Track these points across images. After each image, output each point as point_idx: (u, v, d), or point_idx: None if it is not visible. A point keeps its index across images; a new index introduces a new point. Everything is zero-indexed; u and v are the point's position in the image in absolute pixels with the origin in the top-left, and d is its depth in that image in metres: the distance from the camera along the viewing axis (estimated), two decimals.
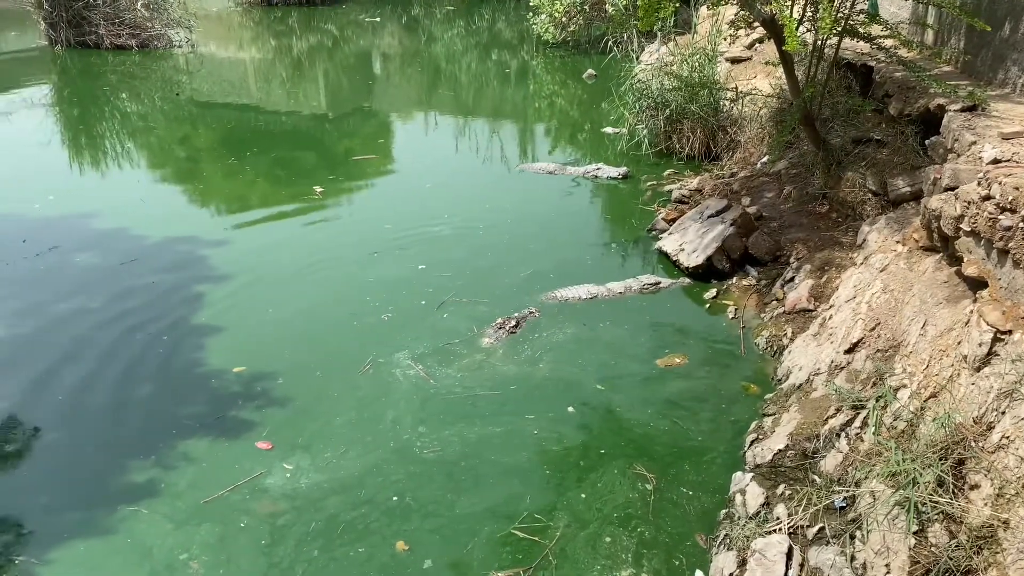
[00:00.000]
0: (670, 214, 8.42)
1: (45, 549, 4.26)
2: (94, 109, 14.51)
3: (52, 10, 17.63)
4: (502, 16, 23.61)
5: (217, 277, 7.45)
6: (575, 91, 15.10)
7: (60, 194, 9.70)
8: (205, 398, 5.59)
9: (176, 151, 12.12)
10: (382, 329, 6.45)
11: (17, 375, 5.90)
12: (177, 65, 17.69)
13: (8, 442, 5.18)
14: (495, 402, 5.50)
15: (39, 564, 4.17)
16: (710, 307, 6.88)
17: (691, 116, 10.12)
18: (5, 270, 7.55)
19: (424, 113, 14.47)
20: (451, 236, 8.31)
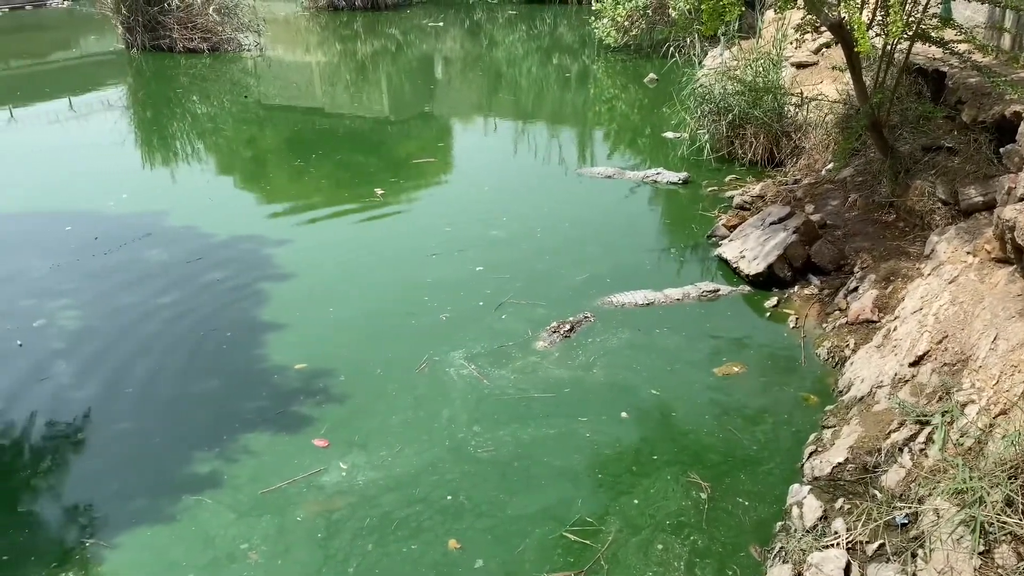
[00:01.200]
0: (731, 220, 8.32)
1: (114, 533, 4.43)
2: (166, 110, 14.99)
3: (129, 15, 18.28)
4: (564, 20, 23.62)
5: (280, 275, 7.63)
6: (636, 95, 15.02)
7: (133, 192, 10.05)
8: (267, 393, 5.73)
9: (243, 152, 12.44)
10: (439, 329, 6.52)
11: (90, 367, 6.13)
12: (246, 68, 18.15)
13: (82, 430, 5.39)
14: (549, 404, 5.51)
15: (108, 547, 4.33)
16: (770, 316, 6.77)
17: (754, 121, 9.97)
18: (79, 265, 7.86)
19: (484, 117, 14.57)
20: (509, 239, 8.35)
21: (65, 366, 6.14)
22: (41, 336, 6.56)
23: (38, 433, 5.40)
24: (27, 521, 4.57)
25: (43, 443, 5.30)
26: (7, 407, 5.65)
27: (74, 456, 5.17)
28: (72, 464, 5.10)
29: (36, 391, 5.82)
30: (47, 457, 5.17)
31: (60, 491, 4.84)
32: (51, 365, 6.14)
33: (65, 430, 5.40)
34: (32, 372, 6.05)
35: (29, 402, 5.69)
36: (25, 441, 5.34)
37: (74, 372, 6.07)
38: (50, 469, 5.05)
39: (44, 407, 5.63)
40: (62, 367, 6.12)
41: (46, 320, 6.79)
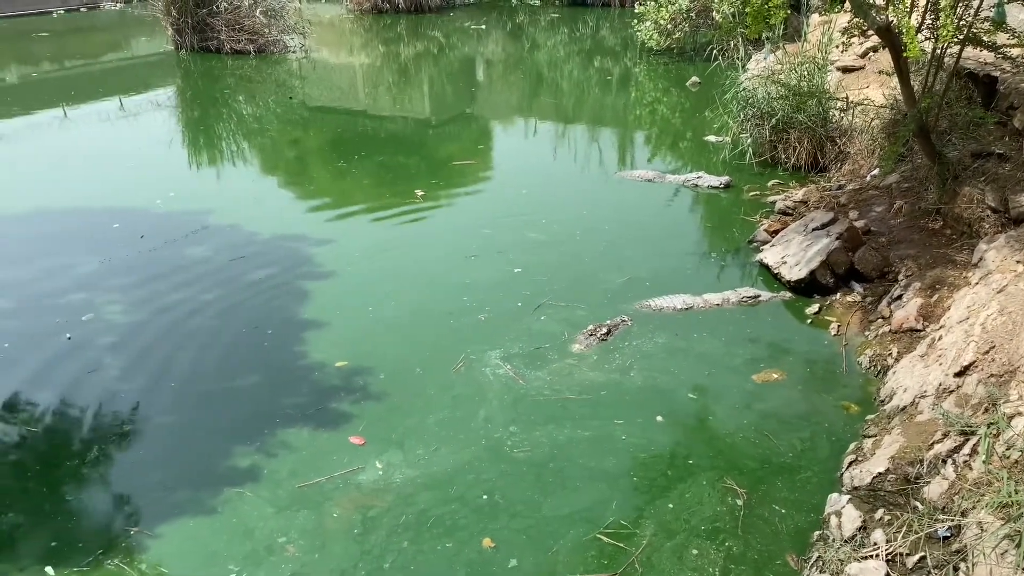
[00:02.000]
0: (772, 226, 8.23)
1: (157, 523, 4.53)
2: (213, 111, 15.27)
3: (179, 17, 18.66)
4: (606, 23, 23.57)
5: (321, 273, 7.73)
6: (678, 98, 14.93)
7: (179, 191, 10.26)
8: (307, 389, 5.81)
9: (287, 152, 12.63)
10: (478, 329, 6.56)
11: (136, 360, 6.28)
12: (291, 70, 18.42)
13: (127, 423, 5.52)
14: (585, 406, 5.51)
15: (151, 536, 4.44)
16: (812, 323, 6.69)
17: (798, 126, 9.86)
18: (127, 261, 8.05)
19: (524, 119, 14.60)
20: (548, 241, 8.36)
21: (112, 359, 6.29)
22: (89, 330, 6.73)
23: (86, 424, 5.55)
24: (74, 509, 4.69)
25: (90, 434, 5.44)
26: (57, 399, 5.80)
27: (120, 447, 5.29)
28: (118, 455, 5.23)
29: (84, 383, 5.97)
30: (94, 447, 5.30)
31: (106, 481, 4.97)
32: (99, 358, 6.30)
33: (112, 421, 5.54)
34: (81, 365, 6.21)
35: (78, 394, 5.85)
36: (73, 432, 5.49)
37: (121, 365, 6.22)
38: (97, 459, 5.18)
39: (92, 399, 5.78)
40: (109, 360, 6.28)
41: (94, 314, 6.96)
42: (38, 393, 5.89)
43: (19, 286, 7.56)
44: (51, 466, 5.13)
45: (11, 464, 5.17)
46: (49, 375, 6.12)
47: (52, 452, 5.28)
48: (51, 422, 5.58)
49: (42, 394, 5.88)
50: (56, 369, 6.19)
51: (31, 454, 5.26)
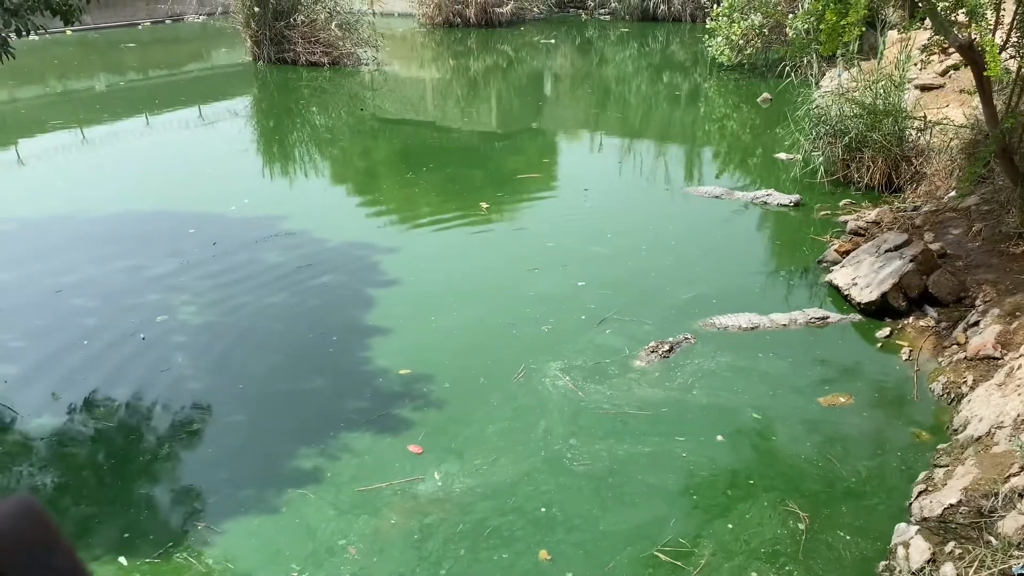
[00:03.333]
0: (843, 246, 8.05)
1: (222, 519, 4.67)
2: (287, 121, 15.70)
3: (258, 29, 19.26)
4: (676, 38, 23.45)
5: (387, 281, 7.87)
6: (748, 115, 14.75)
7: (253, 198, 10.57)
8: (370, 395, 5.92)
9: (357, 163, 12.90)
10: (540, 341, 6.58)
11: (206, 361, 6.49)
12: (363, 82, 18.82)
13: (197, 421, 5.71)
14: (645, 422, 5.47)
15: (217, 532, 4.57)
16: (882, 346, 6.51)
17: (872, 145, 9.63)
18: (201, 265, 8.31)
19: (590, 133, 14.61)
20: (612, 255, 8.34)
21: (184, 359, 6.51)
22: (163, 330, 6.98)
23: (158, 421, 5.75)
24: (145, 503, 4.87)
25: (162, 431, 5.64)
26: (131, 396, 6.03)
27: (189, 444, 5.47)
28: (187, 452, 5.40)
29: (157, 381, 6.19)
30: (165, 444, 5.49)
31: (176, 477, 5.14)
32: (171, 358, 6.53)
33: (182, 419, 5.73)
34: (154, 364, 6.44)
35: (151, 392, 6.06)
36: (146, 428, 5.69)
37: (192, 365, 6.43)
38: (168, 455, 5.37)
39: (164, 397, 5.99)
40: (181, 360, 6.50)
41: (168, 316, 7.21)
42: (114, 390, 6.13)
43: (100, 285, 7.89)
44: (125, 461, 5.33)
45: (87, 457, 5.39)
46: (124, 373, 6.36)
47: (126, 447, 5.49)
48: (125, 418, 5.80)
49: (117, 391, 6.11)
50: (131, 367, 6.43)
51: (106, 448, 5.47)
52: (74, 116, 16.07)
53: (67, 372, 6.36)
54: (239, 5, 19.62)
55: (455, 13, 25.74)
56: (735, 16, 16.84)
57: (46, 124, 15.45)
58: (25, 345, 6.84)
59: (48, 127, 15.18)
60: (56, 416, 5.78)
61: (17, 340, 6.92)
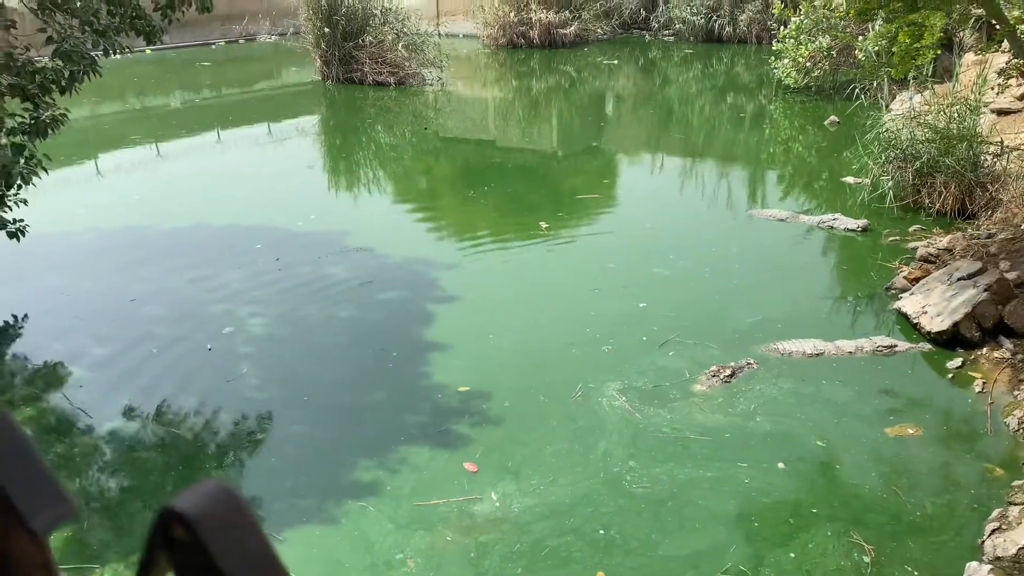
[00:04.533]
0: (913, 273, 7.84)
1: (284, 528, 4.76)
2: (353, 138, 16.04)
3: (327, 50, 19.75)
4: (741, 60, 23.23)
5: (446, 298, 7.95)
6: (814, 137, 14.51)
7: (319, 214, 10.81)
8: (429, 410, 5.97)
9: (419, 180, 13.10)
10: (600, 361, 6.56)
11: (270, 373, 6.65)
12: (427, 101, 19.11)
13: (261, 430, 5.84)
14: (707, 447, 5.40)
15: (278, 540, 4.65)
16: (953, 378, 6.31)
17: (945, 170, 9.37)
18: (267, 278, 8.52)
19: (651, 154, 14.55)
20: (675, 277, 8.28)
21: (249, 370, 6.68)
22: (230, 341, 7.16)
23: (224, 429, 5.90)
24: None
25: (227, 439, 5.79)
26: (198, 404, 6.20)
27: (254, 453, 5.61)
28: (251, 460, 5.54)
29: (223, 391, 6.35)
30: (230, 452, 5.64)
31: (240, 485, 5.26)
32: (237, 368, 6.70)
33: (247, 429, 5.87)
34: (221, 374, 6.62)
35: (217, 401, 6.22)
36: (212, 436, 5.85)
37: (257, 376, 6.59)
38: (233, 463, 5.51)
39: (230, 406, 6.14)
40: (247, 371, 6.66)
41: (235, 327, 7.41)
42: (182, 397, 6.31)
43: (172, 295, 8.16)
44: (191, 467, 5.48)
45: (156, 462, 5.56)
46: (193, 381, 6.56)
47: (193, 454, 5.65)
48: (193, 425, 5.97)
49: (186, 398, 6.30)
50: (199, 375, 6.63)
51: (174, 454, 5.64)
52: (151, 131, 16.69)
53: (139, 379, 6.58)
54: (310, 26, 20.17)
55: (519, 34, 25.98)
56: (802, 38, 16.62)
57: (124, 139, 16.08)
58: (101, 351, 7.10)
59: (126, 142, 15.80)
60: (127, 421, 5.99)
61: (94, 346, 7.18)
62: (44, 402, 6.30)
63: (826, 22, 16.11)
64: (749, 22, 24.82)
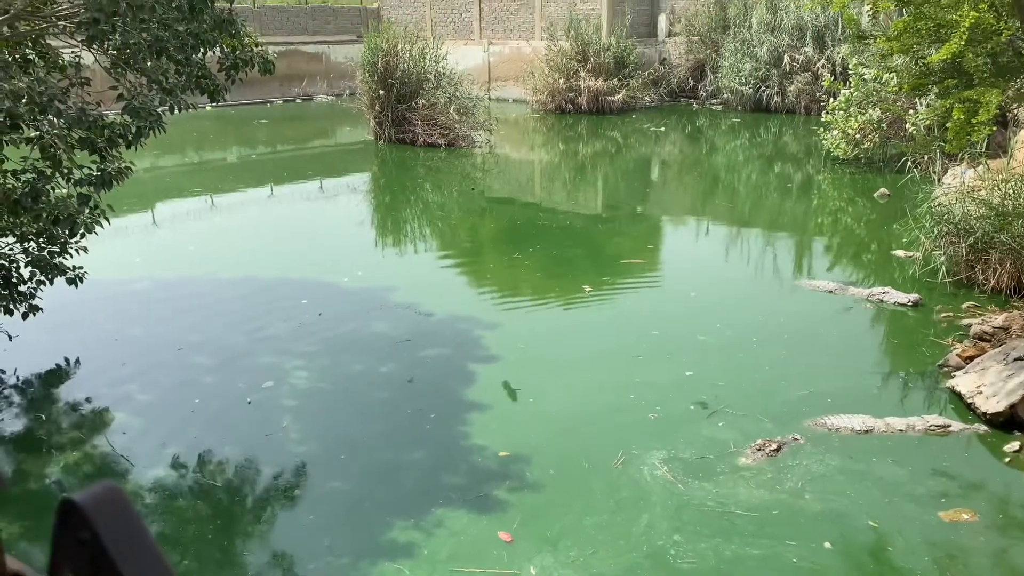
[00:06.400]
0: (967, 351, 7.63)
1: None
2: (401, 197, 16.34)
3: (381, 111, 20.32)
4: (789, 130, 23.29)
5: (488, 358, 7.94)
6: (863, 209, 14.37)
7: (366, 270, 10.96)
8: (467, 473, 5.91)
9: (465, 240, 13.24)
10: (645, 429, 6.47)
11: (310, 427, 6.67)
12: (475, 163, 19.45)
13: (300, 486, 5.83)
14: (753, 523, 5.24)
15: None
16: (1010, 461, 6.07)
17: (1000, 246, 9.18)
18: (311, 333, 8.61)
19: (696, 221, 14.54)
20: (721, 346, 8.16)
21: (290, 423, 6.70)
22: (271, 395, 7.21)
23: (262, 483, 5.91)
24: (246, 564, 4.97)
25: (266, 493, 5.79)
26: (238, 456, 6.24)
27: (291, 508, 5.59)
28: (289, 515, 5.52)
29: (263, 445, 6.38)
30: (267, 507, 5.63)
31: (277, 540, 5.25)
32: (278, 422, 6.73)
33: (285, 483, 5.87)
34: (261, 427, 6.65)
35: (256, 454, 6.25)
36: (250, 489, 5.85)
37: (297, 430, 6.61)
38: (270, 518, 5.50)
39: (269, 460, 6.15)
40: (287, 424, 6.69)
41: (277, 380, 7.47)
42: (223, 448, 6.36)
43: (218, 345, 8.29)
44: (229, 519, 5.48)
45: (194, 513, 5.57)
46: (234, 432, 6.61)
47: (231, 506, 5.65)
48: (232, 477, 5.99)
49: (227, 450, 6.34)
50: (241, 427, 6.68)
51: (212, 506, 5.65)
52: (207, 184, 17.22)
53: (182, 428, 6.65)
54: (365, 88, 20.79)
55: (567, 100, 26.46)
56: (852, 110, 16.62)
57: (181, 191, 16.61)
58: (146, 398, 7.22)
59: (183, 194, 16.31)
60: (168, 470, 6.03)
61: (140, 393, 7.31)
62: (88, 447, 6.39)
63: (876, 95, 16.10)
64: (798, 93, 24.96)
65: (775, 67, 25.29)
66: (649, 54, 28.96)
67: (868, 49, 15.57)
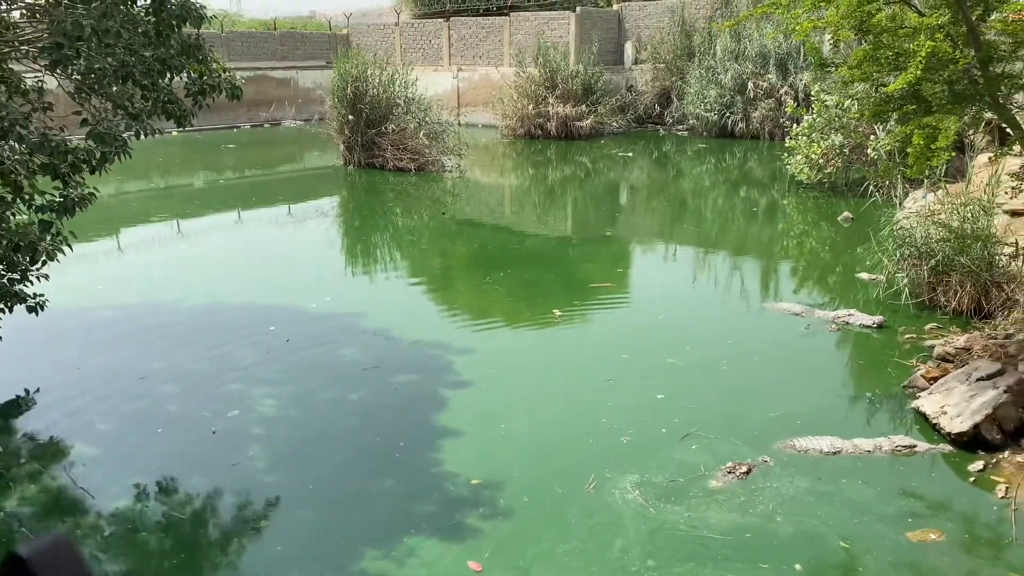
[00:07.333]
0: (931, 372, 7.74)
1: None
2: (371, 221, 16.29)
3: (351, 135, 20.33)
4: (754, 155, 23.66)
5: (459, 383, 7.89)
6: (827, 233, 14.60)
7: (335, 295, 10.87)
8: (439, 501, 5.84)
9: (435, 264, 13.21)
10: (618, 453, 6.44)
11: (279, 454, 6.57)
12: (445, 187, 19.47)
13: (267, 517, 5.72)
14: (726, 546, 5.24)
15: None
16: (975, 481, 6.15)
17: (960, 269, 9.37)
18: (278, 360, 8.51)
19: (664, 244, 14.66)
20: (690, 369, 8.21)
21: (257, 452, 6.59)
22: (236, 423, 7.08)
23: (228, 514, 5.78)
24: None
25: (232, 524, 5.66)
26: (203, 486, 6.11)
27: (258, 540, 5.47)
28: (255, 547, 5.40)
29: (229, 474, 6.25)
30: (234, 539, 5.51)
31: (243, 573, 5.14)
32: (244, 451, 6.61)
33: (252, 515, 5.75)
34: (226, 457, 6.52)
35: (222, 484, 6.11)
36: (216, 520, 5.73)
37: (264, 459, 6.50)
38: (236, 551, 5.38)
39: (235, 490, 6.02)
40: (254, 453, 6.57)
41: (243, 409, 7.35)
42: (187, 479, 6.23)
43: (182, 372, 8.15)
44: (193, 552, 5.36)
45: (157, 546, 5.44)
46: (199, 462, 6.48)
47: (195, 539, 5.53)
48: (197, 508, 5.86)
49: (191, 480, 6.21)
50: (205, 457, 6.56)
51: (176, 538, 5.52)
52: (173, 210, 17.04)
53: (145, 458, 6.51)
54: (334, 113, 20.80)
55: (537, 126, 26.69)
56: (815, 136, 16.95)
57: (147, 217, 16.41)
58: (107, 429, 7.06)
59: (149, 219, 16.12)
60: (130, 502, 5.89)
61: (101, 423, 7.15)
62: (46, 478, 6.23)
63: (838, 121, 16.44)
64: (762, 119, 25.41)
65: (739, 94, 25.75)
66: (616, 81, 29.36)
67: (830, 76, 15.91)
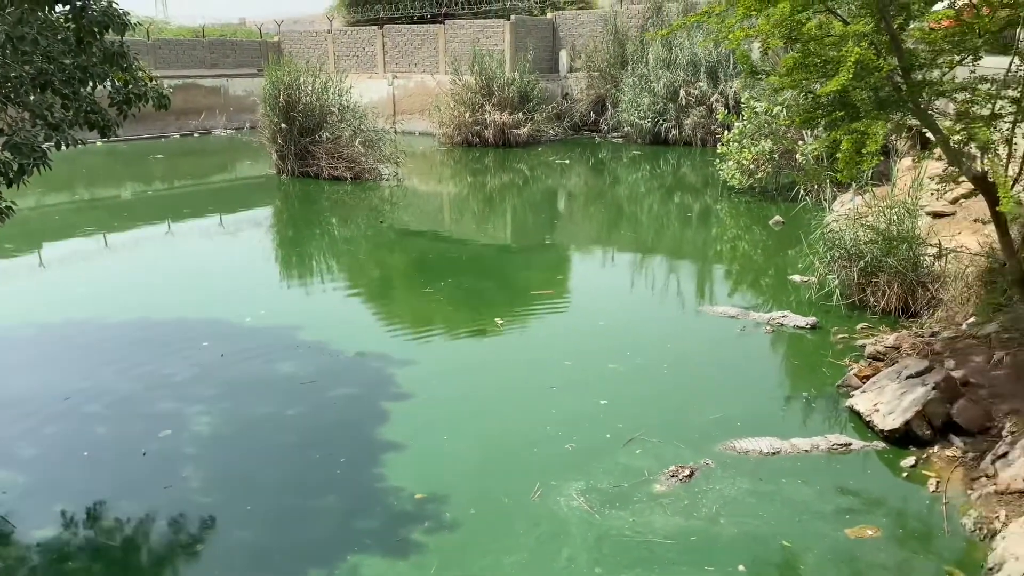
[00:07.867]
0: (863, 371, 7.95)
1: None
2: (307, 231, 16.00)
3: (284, 144, 19.96)
4: (687, 161, 24.06)
5: (400, 395, 7.79)
6: (760, 236, 14.92)
7: (270, 308, 10.61)
8: (382, 516, 5.73)
9: (374, 274, 13.04)
10: (563, 461, 6.44)
11: (215, 474, 6.37)
12: (383, 196, 19.26)
13: (203, 540, 5.53)
14: (671, 550, 5.27)
15: None
16: (908, 476, 6.32)
17: (887, 270, 9.67)
18: (211, 376, 8.26)
19: (602, 251, 14.78)
20: (632, 374, 8.26)
21: (191, 473, 6.37)
22: (168, 444, 6.84)
23: (162, 538, 5.57)
24: None
25: (165, 549, 5.46)
26: (135, 510, 5.88)
27: (194, 564, 5.28)
28: (192, 573, 5.21)
29: (162, 497, 6.02)
30: (168, 564, 5.31)
31: None
32: (177, 472, 6.38)
33: (187, 539, 5.55)
34: (159, 479, 6.28)
35: (154, 508, 5.89)
36: (150, 546, 5.51)
37: (199, 479, 6.30)
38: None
39: (168, 514, 5.81)
40: (187, 474, 6.36)
41: (175, 428, 7.11)
42: (118, 504, 5.99)
43: (109, 393, 7.85)
44: None
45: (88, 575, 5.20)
46: (129, 485, 6.24)
47: (127, 566, 5.33)
48: (129, 534, 5.64)
49: (122, 505, 5.97)
50: (136, 479, 6.31)
51: (107, 567, 5.31)
52: (99, 223, 16.45)
53: (71, 484, 6.25)
54: (266, 121, 20.40)
55: (474, 134, 26.67)
56: (745, 142, 17.33)
57: (71, 230, 15.81)
58: (31, 454, 6.75)
59: (73, 233, 15.53)
60: (57, 530, 5.64)
61: (24, 448, 6.83)
62: None
63: (768, 127, 16.84)
64: (694, 126, 25.87)
65: (672, 101, 26.18)
66: (552, 89, 29.55)
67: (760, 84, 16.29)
